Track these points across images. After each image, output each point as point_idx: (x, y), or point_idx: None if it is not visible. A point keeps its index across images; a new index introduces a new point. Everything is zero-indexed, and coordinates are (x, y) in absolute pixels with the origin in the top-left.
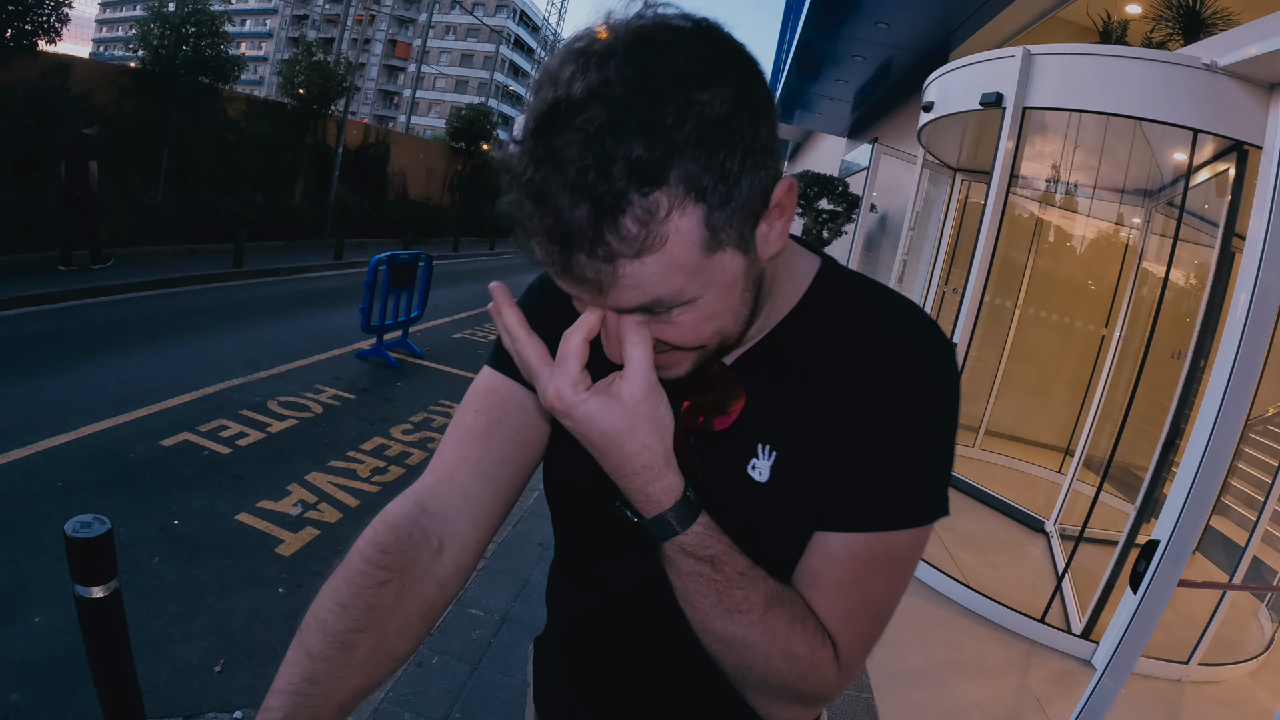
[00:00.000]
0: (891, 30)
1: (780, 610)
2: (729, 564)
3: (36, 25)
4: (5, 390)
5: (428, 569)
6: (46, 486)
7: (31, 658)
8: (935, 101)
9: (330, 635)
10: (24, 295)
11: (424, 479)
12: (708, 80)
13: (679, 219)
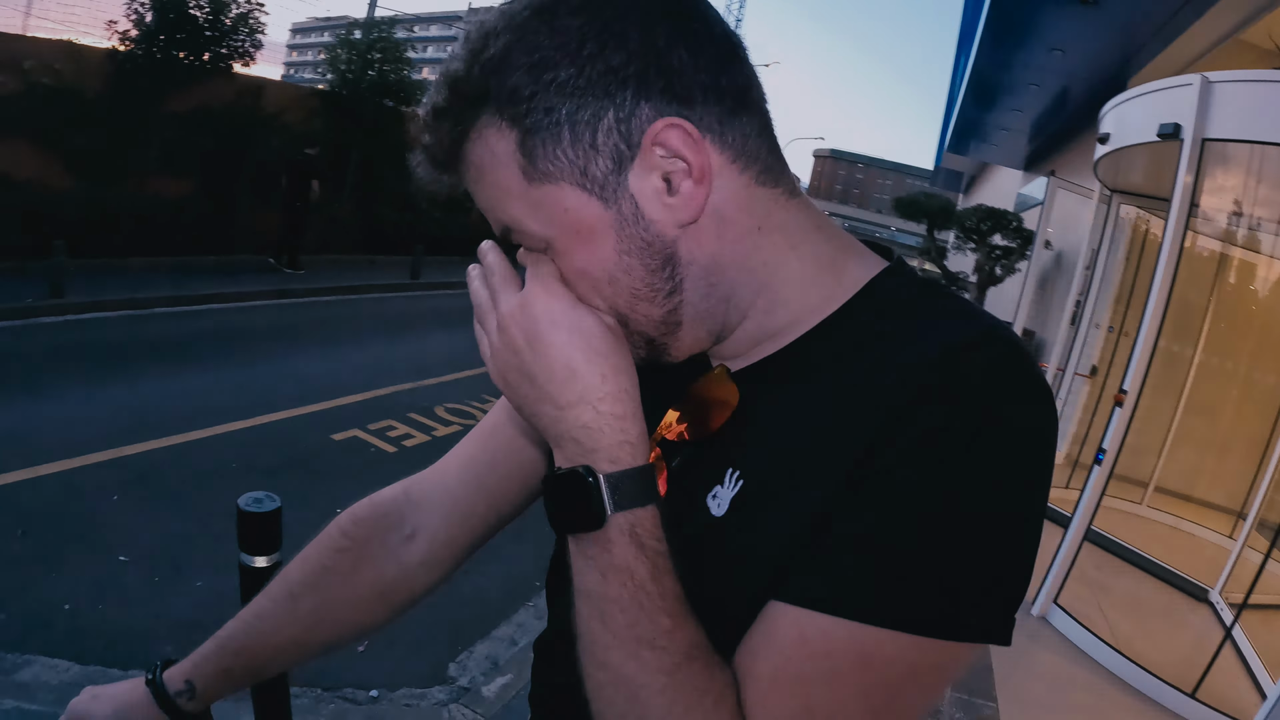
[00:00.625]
0: (1066, 57)
1: (698, 668)
2: (668, 579)
3: (232, 50)
4: (188, 379)
5: (392, 551)
6: (222, 467)
7: (190, 617)
8: (1111, 133)
9: (283, 582)
10: (206, 294)
11: (425, 470)
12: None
13: (493, 138)
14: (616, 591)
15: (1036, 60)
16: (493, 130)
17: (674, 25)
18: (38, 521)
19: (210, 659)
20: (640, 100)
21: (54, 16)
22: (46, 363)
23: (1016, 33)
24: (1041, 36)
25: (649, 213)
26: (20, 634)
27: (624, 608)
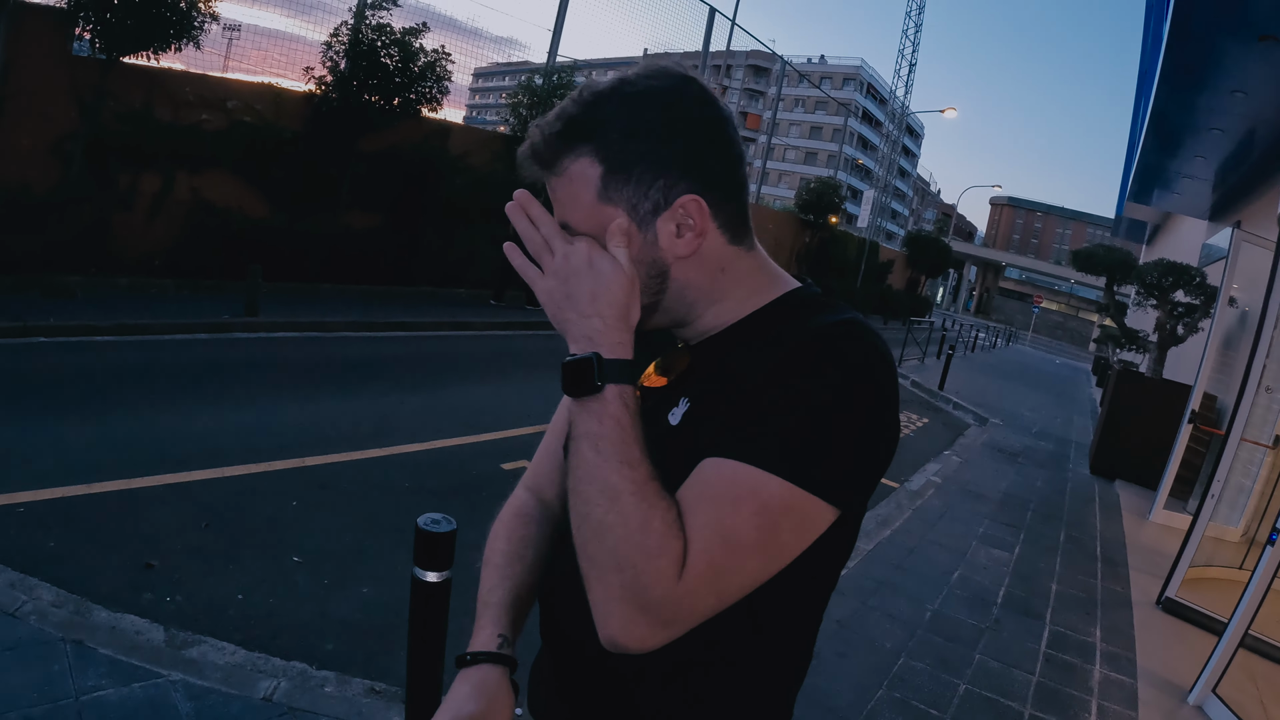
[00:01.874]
0: (1249, 99)
1: (657, 486)
2: (638, 428)
3: (420, 95)
4: (371, 399)
5: (548, 517)
6: (395, 485)
7: (353, 619)
8: None
9: (507, 554)
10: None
11: (526, 475)
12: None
13: (587, 166)
14: (608, 429)
15: (1218, 103)
16: (587, 160)
17: (712, 137)
18: (220, 517)
19: (500, 616)
20: (681, 179)
21: (252, 59)
22: (238, 375)
23: (1195, 75)
24: (1221, 78)
25: (662, 242)
26: (194, 615)
27: (611, 440)
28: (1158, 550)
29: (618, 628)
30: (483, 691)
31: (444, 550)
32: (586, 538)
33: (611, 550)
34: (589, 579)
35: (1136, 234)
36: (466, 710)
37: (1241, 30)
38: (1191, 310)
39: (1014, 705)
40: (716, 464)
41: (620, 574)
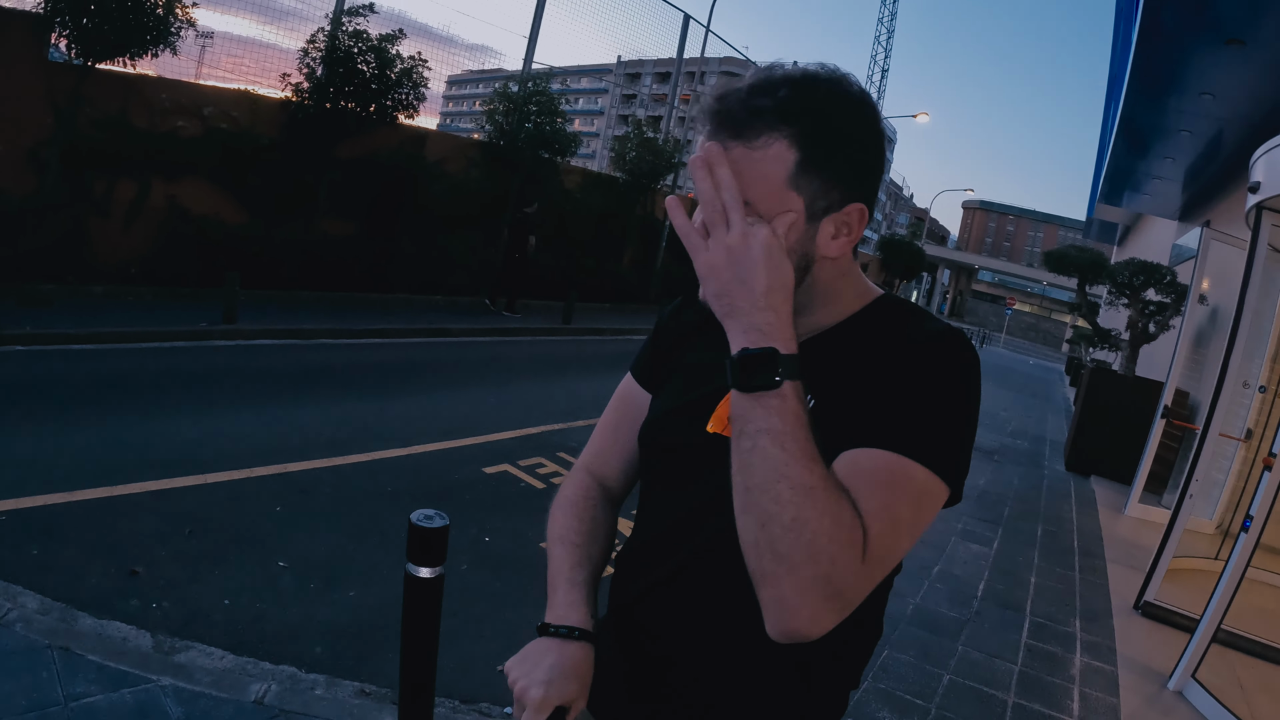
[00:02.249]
0: (1217, 101)
1: (836, 478)
2: (810, 424)
3: (396, 102)
4: (351, 405)
5: (609, 500)
6: (379, 490)
7: (340, 622)
8: (1262, 181)
9: (581, 533)
10: (368, 328)
11: (585, 455)
12: (839, 108)
13: (784, 149)
14: (791, 426)
15: (1186, 105)
16: (786, 143)
17: (880, 154)
18: (203, 524)
19: (589, 597)
20: (856, 186)
21: (224, 66)
22: (217, 382)
23: (1163, 78)
24: (1189, 81)
25: (819, 239)
26: (182, 621)
27: (795, 436)
28: (1134, 543)
29: (807, 619)
30: (579, 673)
31: (437, 545)
32: (776, 535)
33: (808, 544)
34: (773, 576)
35: (1108, 235)
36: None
37: (1209, 34)
38: (1163, 308)
39: (998, 694)
40: (872, 454)
41: (816, 566)
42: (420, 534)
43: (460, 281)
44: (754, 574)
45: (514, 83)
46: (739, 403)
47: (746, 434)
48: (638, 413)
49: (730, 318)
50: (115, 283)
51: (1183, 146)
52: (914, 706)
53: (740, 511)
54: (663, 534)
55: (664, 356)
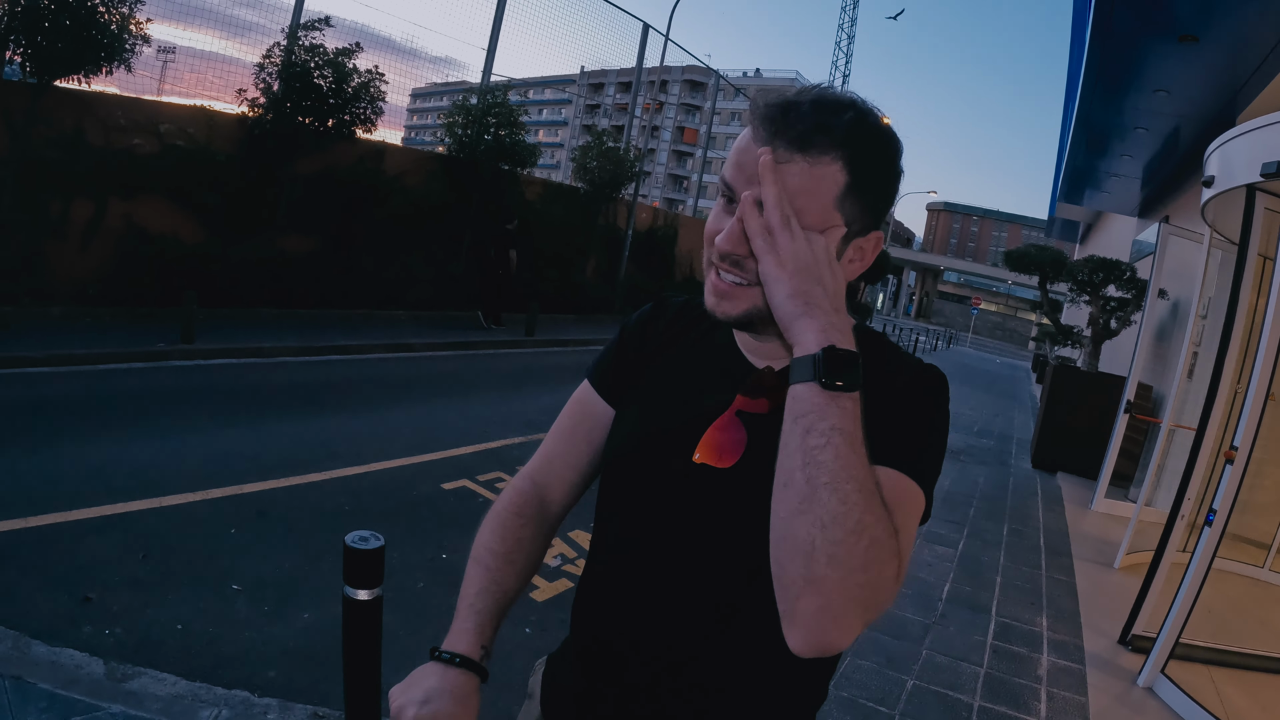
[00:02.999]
0: (1172, 97)
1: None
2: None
3: (354, 116)
4: (310, 423)
5: (544, 516)
6: (335, 509)
7: (294, 645)
8: (1216, 175)
9: (497, 555)
10: (329, 345)
11: (533, 462)
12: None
13: (837, 171)
14: (859, 430)
15: (1142, 103)
16: (839, 165)
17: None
18: (159, 547)
19: (486, 625)
20: (879, 216)
21: (186, 81)
22: (175, 403)
23: (1119, 76)
24: (1145, 78)
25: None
26: (134, 647)
27: (860, 440)
28: (1101, 538)
29: (846, 629)
30: (457, 696)
31: (373, 567)
32: (838, 537)
33: (865, 550)
34: (823, 582)
35: (1069, 233)
36: (443, 709)
37: (1163, 31)
38: (1124, 304)
39: (963, 698)
40: (888, 472)
41: (867, 573)
42: (355, 556)
43: (422, 295)
44: (795, 581)
45: (473, 95)
46: (813, 398)
47: (818, 430)
48: (593, 424)
49: (806, 316)
50: (73, 304)
51: (1140, 144)
52: (876, 713)
53: (796, 513)
54: (641, 565)
55: (628, 367)
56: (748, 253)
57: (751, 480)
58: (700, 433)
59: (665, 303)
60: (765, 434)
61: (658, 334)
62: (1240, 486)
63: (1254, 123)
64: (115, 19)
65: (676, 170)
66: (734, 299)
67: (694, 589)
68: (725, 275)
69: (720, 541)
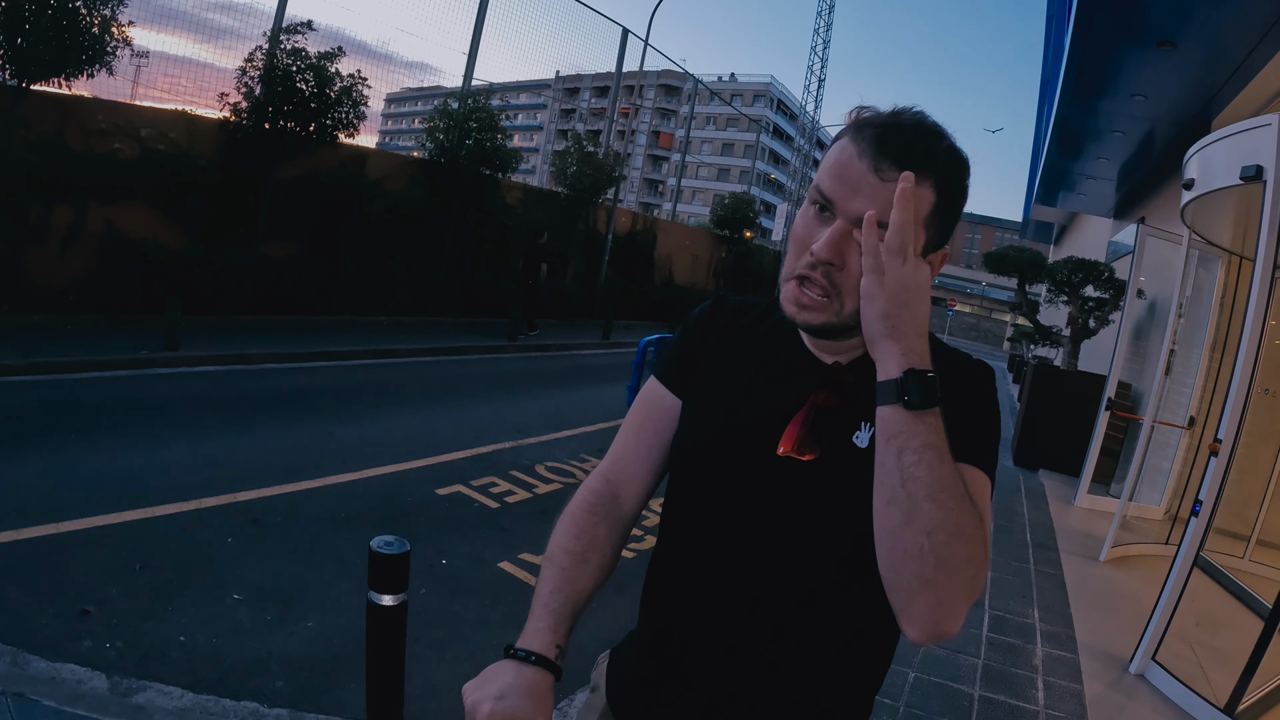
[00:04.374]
0: (1149, 102)
1: None
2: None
3: (336, 121)
4: (299, 430)
5: (617, 514)
6: (331, 516)
7: (300, 654)
8: (1196, 178)
9: (572, 555)
10: (314, 351)
11: (606, 461)
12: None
13: (929, 191)
14: (945, 442)
15: (1119, 107)
16: (930, 187)
17: None
18: (154, 558)
19: (560, 624)
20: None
21: (161, 85)
22: (161, 411)
23: (1096, 80)
24: (1122, 83)
25: None
26: (137, 660)
27: (948, 452)
28: (1085, 533)
29: (958, 618)
30: (532, 693)
31: (399, 572)
32: (942, 541)
33: (968, 549)
34: (935, 581)
35: (1044, 235)
36: (518, 706)
37: (1141, 37)
38: (1102, 304)
39: (963, 688)
40: (966, 468)
41: (971, 567)
42: (382, 561)
43: (404, 301)
44: (910, 583)
45: (454, 100)
46: (901, 420)
47: (911, 449)
48: (663, 417)
49: (891, 339)
50: (54, 311)
51: (1116, 146)
52: (882, 706)
53: (902, 523)
54: (722, 554)
55: (694, 361)
56: (843, 264)
57: (832, 472)
58: (776, 425)
59: (724, 300)
60: (838, 426)
61: (719, 330)
62: (1225, 479)
63: (1231, 128)
64: (97, 22)
65: (651, 174)
66: (816, 310)
67: (776, 577)
68: (808, 290)
69: (805, 531)
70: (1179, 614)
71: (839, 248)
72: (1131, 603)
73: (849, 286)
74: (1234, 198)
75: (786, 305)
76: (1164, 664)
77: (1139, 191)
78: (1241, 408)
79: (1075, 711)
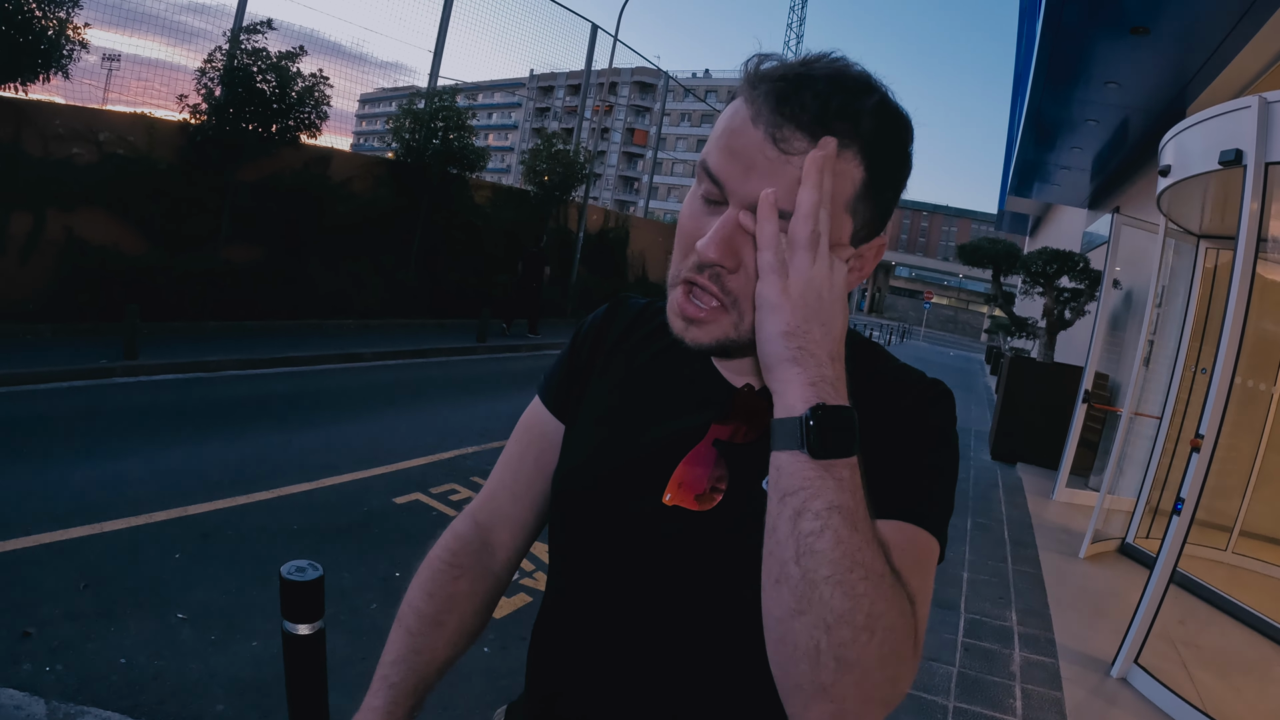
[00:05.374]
0: (1122, 90)
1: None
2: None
3: (299, 122)
4: (257, 439)
5: (487, 565)
6: (283, 528)
7: (243, 676)
8: (1172, 164)
9: (423, 617)
10: (276, 358)
11: (478, 499)
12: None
13: (853, 165)
14: (858, 503)
15: (1092, 96)
16: (857, 160)
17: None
18: (100, 576)
19: (400, 702)
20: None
21: (132, 89)
22: (117, 422)
23: (1070, 69)
24: (1095, 71)
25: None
26: (76, 684)
27: (864, 516)
28: (1064, 527)
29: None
30: None
31: (312, 599)
32: (847, 638)
33: (881, 644)
34: (836, 686)
35: (1019, 226)
36: None
37: (1113, 23)
38: (1077, 295)
39: (937, 699)
40: (901, 528)
41: (886, 670)
42: (293, 589)
43: (372, 303)
44: (801, 688)
45: (420, 99)
46: (801, 471)
47: (811, 512)
48: (545, 447)
49: (796, 364)
50: (11, 320)
51: (1090, 136)
52: None
53: (793, 613)
54: (602, 619)
55: (581, 379)
56: (738, 266)
57: (733, 525)
58: (669, 466)
59: (623, 304)
60: (748, 468)
61: (615, 340)
62: (1207, 474)
63: (1209, 111)
64: (53, 24)
65: (627, 172)
66: (706, 325)
67: (667, 648)
68: (696, 299)
69: (698, 597)
70: (1162, 613)
71: (731, 244)
72: (1112, 601)
73: (749, 293)
74: (1212, 183)
75: (672, 319)
76: (1147, 667)
77: (1114, 181)
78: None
79: None
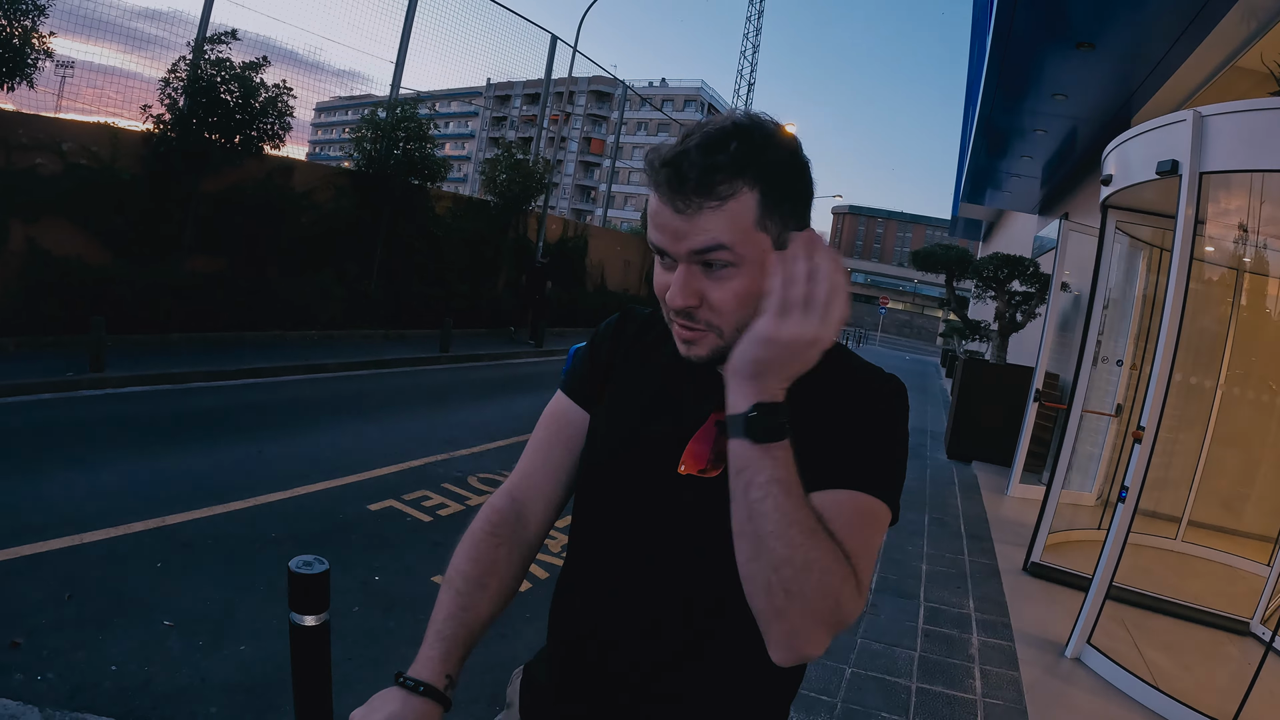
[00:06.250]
0: (1070, 101)
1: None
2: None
3: (262, 132)
4: (229, 450)
5: (522, 536)
6: (261, 536)
7: (233, 680)
8: (1114, 173)
9: (469, 579)
10: (243, 369)
11: (512, 478)
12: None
13: (747, 194)
14: (793, 475)
15: (1041, 106)
16: (746, 190)
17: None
18: (83, 587)
19: (452, 652)
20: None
21: (85, 96)
22: (87, 435)
23: (1019, 81)
24: (1043, 83)
25: None
26: (68, 693)
27: (797, 484)
28: (1018, 522)
29: (816, 644)
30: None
31: (318, 592)
32: (789, 576)
33: (819, 582)
34: (786, 612)
35: (973, 232)
36: None
37: (1061, 38)
38: (1028, 298)
39: (900, 681)
40: (846, 495)
41: (825, 600)
42: (301, 581)
43: (335, 314)
44: (764, 611)
45: (382, 109)
46: (748, 454)
47: (757, 484)
48: (572, 433)
49: (752, 382)
50: None
51: (1039, 145)
52: (820, 703)
53: (750, 558)
54: (624, 571)
55: (601, 375)
56: (700, 302)
57: None
58: (681, 442)
59: (632, 313)
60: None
61: (627, 343)
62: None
63: (1148, 124)
64: (17, 33)
65: (584, 181)
66: (697, 344)
67: (679, 595)
68: (684, 329)
69: (706, 549)
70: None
71: (690, 289)
72: (1066, 589)
73: (723, 313)
74: (1151, 191)
75: (677, 344)
76: (1099, 647)
77: (1063, 188)
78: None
79: (1013, 698)
